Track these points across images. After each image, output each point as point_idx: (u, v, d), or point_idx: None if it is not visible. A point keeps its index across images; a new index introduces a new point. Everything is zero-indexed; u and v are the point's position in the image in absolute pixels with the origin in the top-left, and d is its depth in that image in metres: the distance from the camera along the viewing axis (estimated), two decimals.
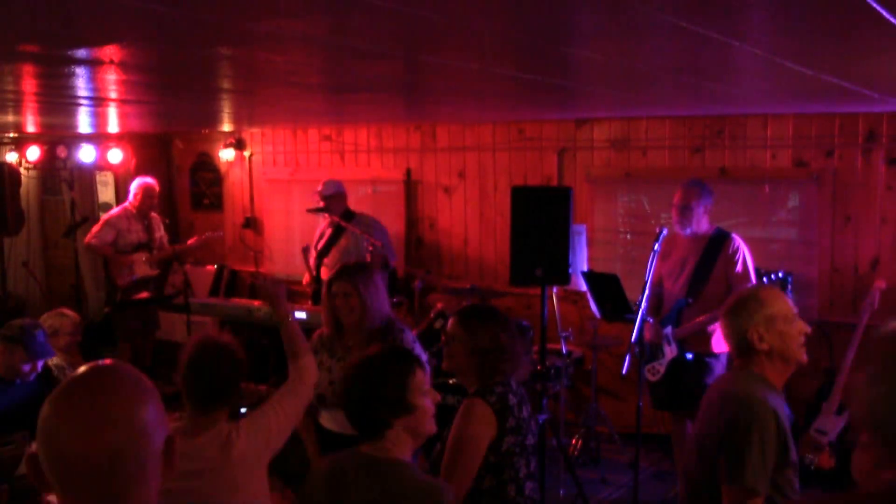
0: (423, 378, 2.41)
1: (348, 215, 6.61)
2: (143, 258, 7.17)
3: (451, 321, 3.09)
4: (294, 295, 7.16)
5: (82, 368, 1.40)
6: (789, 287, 4.82)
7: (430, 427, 2.42)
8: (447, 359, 3.07)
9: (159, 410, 1.40)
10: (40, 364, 4.26)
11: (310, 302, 6.70)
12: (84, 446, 1.29)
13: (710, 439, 2.74)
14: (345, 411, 2.42)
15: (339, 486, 2.34)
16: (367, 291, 3.63)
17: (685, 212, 4.92)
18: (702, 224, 4.96)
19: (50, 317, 4.98)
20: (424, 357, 3.60)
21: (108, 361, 1.43)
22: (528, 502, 2.94)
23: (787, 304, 2.78)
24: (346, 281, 3.65)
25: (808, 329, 2.78)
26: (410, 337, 3.71)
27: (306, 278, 6.79)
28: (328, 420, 3.74)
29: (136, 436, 1.33)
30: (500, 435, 2.86)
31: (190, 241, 7.52)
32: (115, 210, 7.46)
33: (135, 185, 7.29)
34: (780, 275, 4.80)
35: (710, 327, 4.85)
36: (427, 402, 2.40)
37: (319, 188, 6.59)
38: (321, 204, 6.57)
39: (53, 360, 4.75)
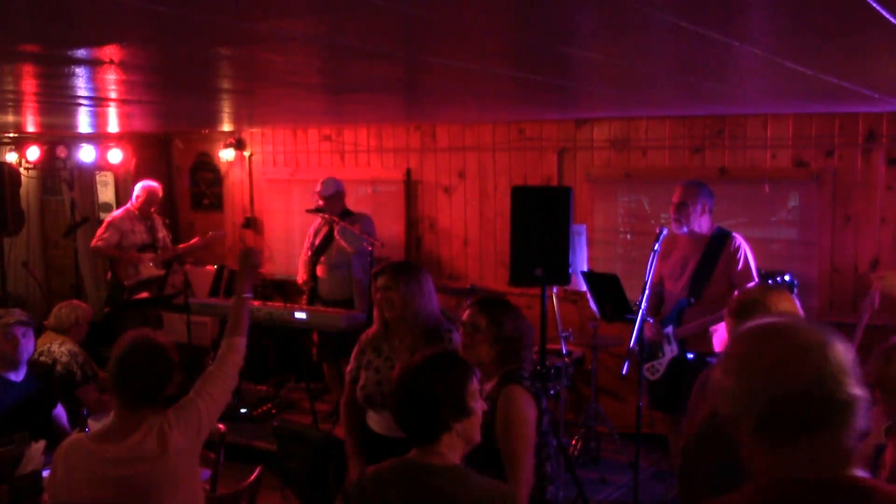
0: (476, 383, 2.41)
1: (345, 215, 6.62)
2: (149, 258, 7.18)
3: (468, 312, 3.13)
4: (293, 295, 7.17)
5: None
6: (795, 291, 4.80)
7: (479, 435, 2.39)
8: (466, 349, 3.09)
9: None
10: (21, 337, 4.22)
11: (305, 301, 6.71)
12: None
13: (707, 438, 2.75)
14: (398, 412, 2.36)
15: (389, 499, 2.26)
16: (409, 288, 3.59)
17: (681, 209, 4.92)
18: (702, 224, 4.96)
19: (69, 308, 5.03)
20: None
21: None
22: (555, 478, 3.10)
23: (793, 306, 2.77)
24: (388, 276, 3.65)
25: None
26: (458, 337, 3.67)
27: (301, 277, 6.80)
28: (375, 422, 3.67)
29: None
30: (540, 416, 2.97)
31: (193, 241, 7.53)
32: (117, 212, 7.48)
33: (138, 188, 7.32)
34: (788, 278, 4.78)
35: (712, 327, 4.85)
36: (479, 407, 2.39)
37: (318, 188, 6.59)
38: (320, 203, 6.57)
39: (66, 346, 4.79)
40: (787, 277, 4.81)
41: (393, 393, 2.39)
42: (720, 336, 4.92)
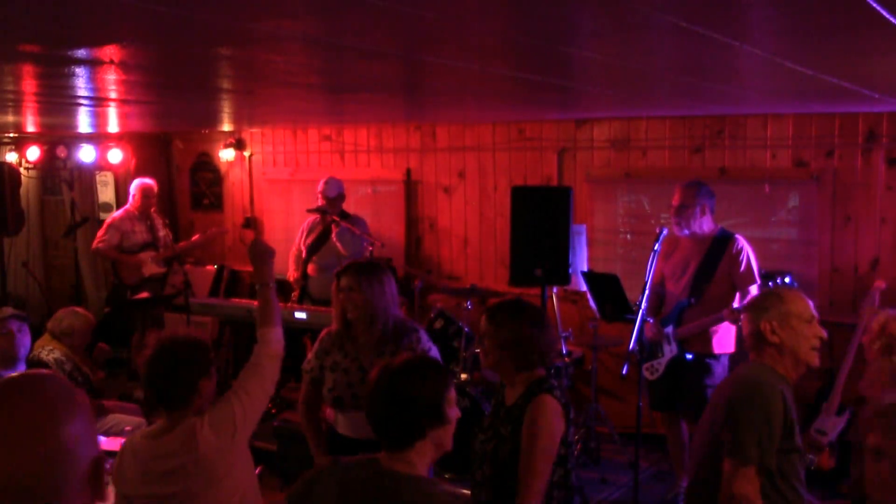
0: (454, 391, 2.38)
1: (342, 217, 6.63)
2: (151, 257, 7.19)
3: (481, 319, 3.12)
4: (287, 293, 7.15)
5: (6, 378, 1.32)
6: None
7: (451, 443, 2.35)
8: (482, 356, 3.09)
9: (84, 429, 1.29)
10: (18, 336, 4.21)
11: (295, 298, 6.70)
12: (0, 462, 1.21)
13: (718, 420, 2.80)
14: (373, 415, 2.33)
15: (349, 499, 2.25)
16: (372, 289, 3.59)
17: (682, 212, 4.92)
18: (703, 224, 4.95)
19: (66, 315, 4.99)
20: (438, 355, 3.61)
21: (26, 374, 1.34)
22: (576, 488, 3.01)
23: (807, 306, 2.89)
24: (351, 276, 3.64)
25: (823, 334, 2.86)
26: (425, 336, 3.66)
27: (292, 275, 6.79)
28: (344, 425, 3.68)
29: (48, 459, 1.23)
30: (567, 426, 2.92)
31: (194, 238, 7.54)
32: (117, 212, 7.49)
33: (133, 187, 7.33)
34: (788, 280, 4.78)
35: (712, 328, 4.85)
36: (454, 415, 2.36)
37: (321, 187, 6.59)
38: (322, 202, 6.57)
39: (53, 355, 4.76)
40: (787, 279, 4.81)
41: (370, 395, 2.34)
42: (720, 337, 4.92)
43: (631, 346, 4.39)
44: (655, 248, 4.60)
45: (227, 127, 7.96)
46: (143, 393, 2.86)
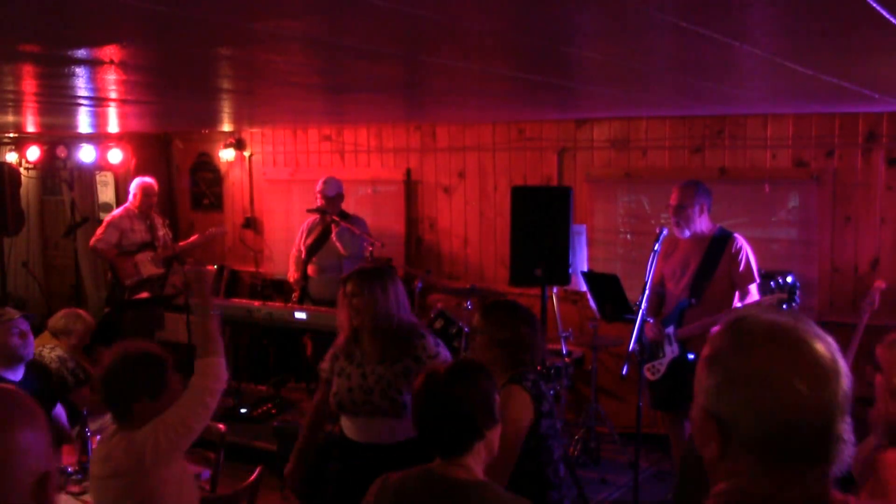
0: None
1: (342, 217, 6.63)
2: (149, 257, 7.18)
3: (475, 316, 3.18)
4: (288, 294, 7.16)
5: None
6: (797, 293, 4.78)
7: (498, 444, 2.36)
8: (472, 352, 3.16)
9: (34, 442, 1.28)
10: (28, 331, 4.22)
11: (295, 299, 6.71)
12: None
13: None
14: (427, 425, 2.31)
15: None
16: (374, 294, 3.53)
17: (680, 212, 4.92)
18: (702, 224, 4.95)
19: (65, 316, 4.99)
20: (449, 356, 3.62)
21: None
22: (563, 483, 3.04)
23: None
24: (354, 282, 3.60)
25: None
26: (433, 341, 3.59)
27: (292, 276, 6.79)
28: (348, 429, 3.66)
29: (2, 460, 1.23)
30: (537, 419, 2.94)
31: (193, 238, 7.53)
32: (116, 211, 7.48)
33: (133, 185, 7.32)
34: (790, 280, 4.76)
35: (713, 328, 4.84)
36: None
37: (321, 187, 6.59)
38: (321, 202, 6.57)
39: (56, 353, 4.77)
40: (789, 279, 4.80)
41: (421, 406, 2.33)
42: None
43: (631, 346, 4.39)
44: (655, 248, 4.60)
45: (227, 127, 7.96)
46: None
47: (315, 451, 3.91)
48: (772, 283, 4.78)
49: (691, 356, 4.87)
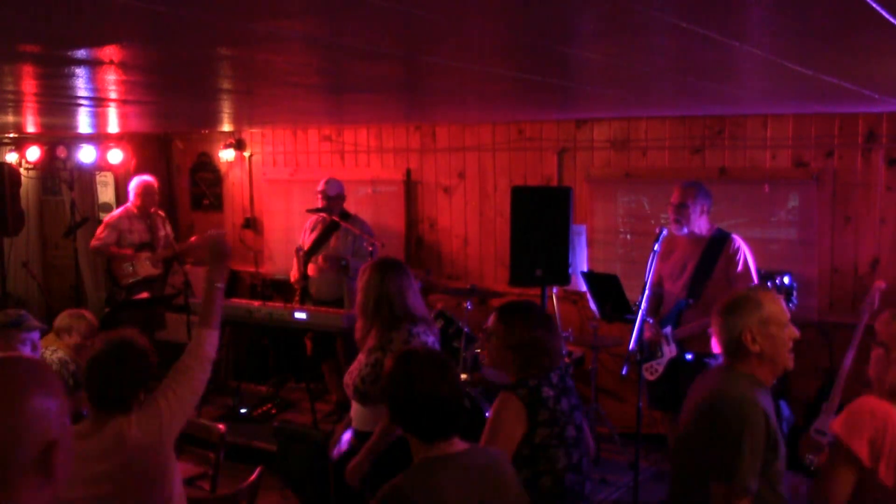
0: None
1: (344, 216, 6.63)
2: (146, 257, 7.18)
3: (491, 318, 3.14)
4: (290, 294, 7.16)
5: None
6: (794, 293, 4.78)
7: None
8: (487, 354, 3.14)
9: (48, 410, 1.29)
10: (39, 343, 4.24)
11: (297, 300, 6.71)
12: None
13: (699, 437, 2.77)
14: (451, 407, 2.41)
15: (495, 483, 2.42)
16: (365, 283, 3.77)
17: (681, 210, 4.92)
18: (701, 225, 4.96)
19: (68, 316, 5.00)
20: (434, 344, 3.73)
21: (12, 353, 1.38)
22: (568, 494, 2.96)
23: (781, 308, 2.81)
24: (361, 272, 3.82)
25: (797, 334, 2.80)
26: (418, 330, 3.71)
27: (294, 276, 6.80)
28: (354, 417, 3.81)
29: (3, 431, 1.24)
30: (532, 427, 2.89)
31: (192, 239, 7.52)
32: (116, 211, 7.48)
33: (133, 185, 7.32)
34: (787, 281, 4.77)
35: (711, 328, 4.84)
36: None
37: (322, 187, 6.59)
38: (322, 202, 6.57)
39: (57, 355, 4.77)
40: (786, 280, 4.81)
41: (453, 389, 2.45)
42: None
43: (631, 346, 4.39)
44: (655, 248, 4.60)
45: (227, 127, 7.96)
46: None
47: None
48: (768, 283, 4.78)
49: (689, 356, 4.87)
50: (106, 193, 8.89)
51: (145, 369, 2.83)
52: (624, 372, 4.42)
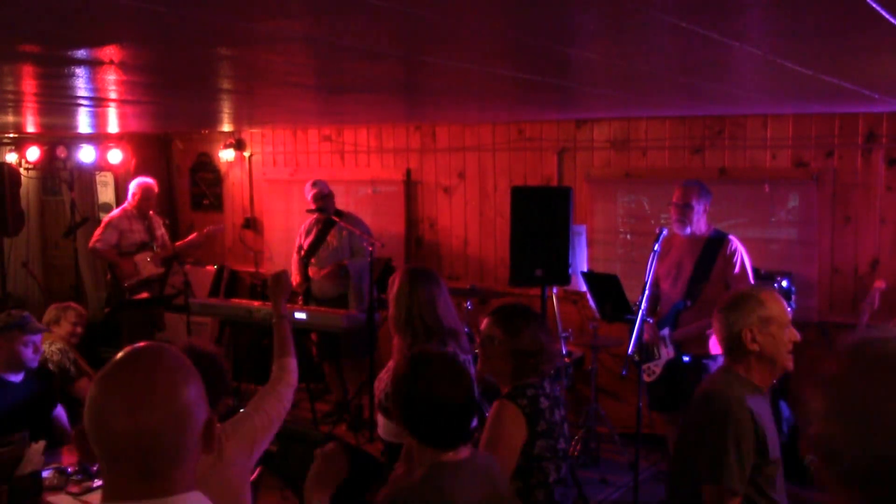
0: None
1: (338, 214, 6.64)
2: (147, 257, 7.18)
3: (485, 322, 3.02)
4: (292, 295, 7.16)
5: (127, 349, 1.46)
6: (793, 296, 4.78)
7: None
8: (483, 360, 3.01)
9: (200, 392, 1.45)
10: (41, 346, 4.25)
11: (300, 302, 6.71)
12: (125, 425, 1.36)
13: (690, 437, 2.77)
14: (461, 413, 2.37)
15: (495, 489, 2.40)
16: (395, 294, 3.77)
17: (685, 210, 4.91)
18: (700, 225, 4.95)
19: (54, 309, 5.07)
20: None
21: (150, 343, 1.48)
22: None
23: (783, 308, 2.78)
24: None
25: (797, 337, 2.77)
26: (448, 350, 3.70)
27: (296, 279, 6.80)
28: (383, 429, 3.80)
29: (176, 416, 1.39)
30: (531, 439, 2.82)
31: (191, 237, 7.52)
32: (115, 211, 7.48)
33: (133, 186, 7.32)
34: (785, 284, 4.76)
35: (709, 330, 4.84)
36: None
37: (312, 191, 6.57)
38: (317, 203, 6.57)
39: (56, 346, 4.78)
40: (784, 283, 4.80)
41: (466, 393, 2.41)
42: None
43: (630, 347, 4.39)
44: (655, 248, 4.59)
45: (227, 127, 7.96)
46: None
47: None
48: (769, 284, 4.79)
49: (686, 358, 4.87)
50: (106, 193, 8.89)
51: (223, 374, 2.90)
52: (624, 372, 4.42)
